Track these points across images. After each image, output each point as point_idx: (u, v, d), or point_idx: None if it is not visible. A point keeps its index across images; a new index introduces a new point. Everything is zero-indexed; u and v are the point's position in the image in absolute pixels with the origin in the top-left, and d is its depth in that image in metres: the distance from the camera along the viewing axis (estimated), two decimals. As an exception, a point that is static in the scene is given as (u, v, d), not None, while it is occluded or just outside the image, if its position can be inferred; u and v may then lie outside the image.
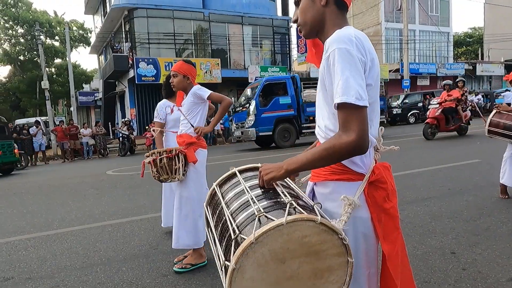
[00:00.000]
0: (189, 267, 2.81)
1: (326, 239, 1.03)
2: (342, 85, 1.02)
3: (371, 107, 1.11)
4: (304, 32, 1.24)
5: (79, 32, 29.71)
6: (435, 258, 2.70)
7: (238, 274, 0.99)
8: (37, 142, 15.20)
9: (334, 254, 1.05)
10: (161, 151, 2.73)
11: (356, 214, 1.13)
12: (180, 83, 2.88)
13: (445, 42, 29.20)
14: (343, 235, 1.03)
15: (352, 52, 1.04)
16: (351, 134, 1.03)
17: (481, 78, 29.51)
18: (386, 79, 24.32)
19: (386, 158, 1.38)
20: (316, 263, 1.05)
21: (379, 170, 1.17)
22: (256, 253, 0.99)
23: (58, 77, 28.15)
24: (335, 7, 1.17)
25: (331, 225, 1.03)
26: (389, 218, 1.17)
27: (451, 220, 3.52)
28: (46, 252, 3.56)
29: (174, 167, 2.72)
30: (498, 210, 3.73)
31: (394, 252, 1.18)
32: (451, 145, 9.31)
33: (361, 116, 1.03)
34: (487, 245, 2.87)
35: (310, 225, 1.01)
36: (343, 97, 1.02)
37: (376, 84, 1.14)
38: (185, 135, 2.89)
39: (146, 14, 19.20)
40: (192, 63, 2.97)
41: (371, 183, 1.15)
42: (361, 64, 1.05)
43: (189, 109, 2.89)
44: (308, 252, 1.03)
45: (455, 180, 5.18)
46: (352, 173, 1.16)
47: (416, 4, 26.60)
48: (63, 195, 6.69)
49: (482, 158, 6.67)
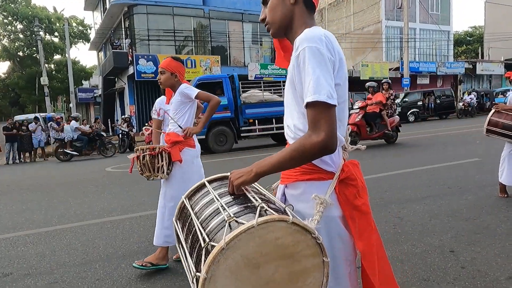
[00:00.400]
0: (149, 265, 2.77)
1: (300, 239, 1.00)
2: (313, 83, 1.02)
3: (340, 107, 1.11)
4: (272, 31, 1.23)
5: (78, 28, 29.63)
6: (434, 256, 2.70)
7: (210, 284, 0.94)
8: (36, 139, 15.16)
9: (309, 255, 1.03)
10: (144, 148, 2.74)
11: (329, 213, 1.13)
12: (167, 80, 2.82)
13: (446, 41, 29.13)
14: (316, 234, 1.01)
15: (323, 51, 1.04)
16: (321, 133, 1.02)
17: (481, 77, 29.47)
18: (386, 78, 24.35)
19: (388, 157, 1.38)
20: (292, 266, 1.02)
21: (348, 168, 1.17)
22: (228, 260, 0.95)
23: (58, 74, 28.10)
24: (304, 6, 1.17)
25: (304, 224, 1.00)
26: (362, 215, 1.17)
27: (451, 219, 3.52)
28: (45, 248, 3.56)
29: (157, 165, 2.71)
30: (497, 209, 3.73)
31: (369, 249, 1.17)
32: (451, 144, 9.32)
33: (330, 116, 1.03)
34: (486, 243, 2.87)
35: (282, 226, 0.99)
36: (314, 95, 1.01)
37: (345, 84, 1.15)
38: (172, 134, 2.84)
39: (146, 11, 19.13)
40: (181, 60, 2.91)
41: (342, 181, 1.15)
42: (330, 64, 1.05)
43: (177, 108, 2.85)
44: (283, 255, 1.00)
45: (455, 179, 5.18)
46: (322, 172, 1.15)
47: (416, 2, 26.52)
48: (63, 192, 6.68)
49: (481, 157, 6.67)
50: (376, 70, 23.98)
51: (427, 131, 13.34)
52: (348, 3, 29.43)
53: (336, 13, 30.67)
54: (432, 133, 12.59)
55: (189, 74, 17.52)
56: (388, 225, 3.42)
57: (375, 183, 5.31)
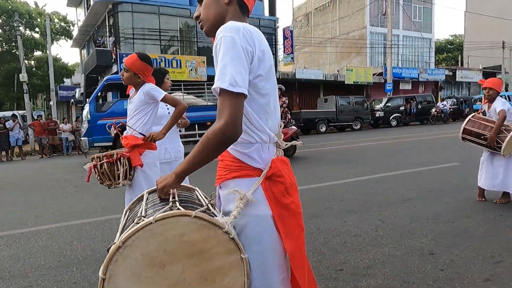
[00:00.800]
0: None
1: (209, 235, 0.95)
2: (219, 71, 1.03)
3: (265, 99, 1.11)
4: (206, 28, 1.24)
5: (61, 25, 28.87)
6: (414, 258, 2.74)
7: (110, 285, 0.90)
8: (13, 137, 14.69)
9: (223, 252, 0.96)
10: (101, 156, 2.53)
11: (257, 212, 1.09)
12: (129, 80, 2.62)
13: (427, 48, 29.92)
14: (226, 228, 0.96)
15: (237, 40, 1.03)
16: (221, 120, 1.01)
17: (461, 84, 30.37)
18: (369, 83, 24.76)
19: (370, 161, 1.38)
20: (203, 264, 0.95)
21: (276, 164, 1.14)
22: (127, 259, 0.91)
23: (38, 70, 27.27)
24: (237, 7, 1.19)
25: (209, 218, 0.95)
26: (291, 214, 1.13)
27: (431, 222, 3.58)
28: (19, 250, 3.42)
29: (117, 172, 2.52)
30: (475, 212, 3.83)
31: (298, 251, 1.13)
32: (431, 148, 9.54)
33: (233, 103, 1.01)
34: (464, 246, 2.93)
35: (185, 221, 0.94)
36: (217, 82, 1.02)
37: (268, 76, 1.13)
38: (130, 137, 2.62)
39: (131, 9, 18.84)
40: (148, 59, 2.66)
41: (269, 178, 1.12)
42: (246, 54, 1.04)
43: (138, 107, 2.62)
44: (191, 253, 0.94)
45: (435, 183, 5.29)
46: (249, 168, 1.12)
47: (400, 10, 27.14)
48: (41, 192, 6.48)
49: (460, 162, 6.85)
50: (360, 74, 24.38)
51: (409, 136, 13.63)
52: (334, 8, 29.84)
53: (322, 18, 31.04)
54: (415, 137, 12.88)
55: (174, 75, 17.36)
56: (370, 228, 3.46)
57: (359, 186, 5.37)
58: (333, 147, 11.61)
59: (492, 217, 3.65)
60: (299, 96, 23.50)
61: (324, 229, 3.51)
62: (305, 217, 4.53)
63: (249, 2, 1.21)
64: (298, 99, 23.44)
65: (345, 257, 2.83)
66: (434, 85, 28.55)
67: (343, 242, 3.14)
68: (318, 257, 2.85)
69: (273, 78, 1.17)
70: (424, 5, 28.95)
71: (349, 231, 3.38)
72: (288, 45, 22.67)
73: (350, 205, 4.32)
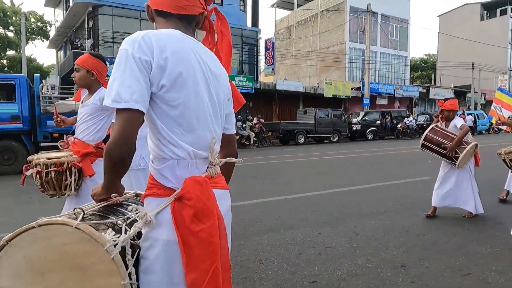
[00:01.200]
0: None
1: (90, 250, 0.89)
2: (108, 88, 1.00)
3: (176, 110, 1.03)
4: None
5: (37, 24, 28.05)
6: (386, 271, 2.78)
7: None
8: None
9: (103, 271, 0.89)
10: (48, 164, 2.27)
11: (158, 235, 1.00)
12: (82, 79, 2.40)
13: (403, 65, 31.09)
14: (107, 246, 0.88)
15: (129, 52, 0.99)
16: (110, 139, 0.99)
17: (433, 101, 31.60)
18: (348, 96, 25.36)
19: (348, 172, 1.39)
20: (83, 281, 0.89)
21: (187, 184, 1.02)
22: (10, 258, 0.90)
23: (10, 70, 26.26)
24: (161, 18, 1.15)
25: (90, 232, 0.89)
26: (200, 243, 0.99)
27: (403, 234, 3.66)
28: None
29: (64, 182, 2.30)
30: (445, 226, 3.95)
31: (200, 285, 0.99)
32: (404, 162, 9.82)
33: (121, 119, 0.97)
34: (434, 258, 3.01)
35: (68, 230, 0.89)
36: (105, 101, 0.99)
37: (178, 86, 1.02)
38: (79, 144, 2.42)
39: (112, 12, 18.58)
40: (102, 57, 2.51)
41: (179, 200, 1.01)
42: (139, 65, 0.98)
43: (92, 113, 2.41)
44: (71, 266, 0.89)
45: (408, 196, 5.43)
46: (160, 187, 1.05)
47: (378, 27, 28.12)
48: (6, 198, 6.15)
49: (431, 176, 7.07)
50: (339, 88, 24.94)
51: (384, 149, 13.99)
52: (315, 22, 30.56)
53: (303, 31, 31.69)
54: (390, 151, 13.22)
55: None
56: (344, 239, 3.49)
57: (334, 197, 5.43)
58: (310, 158, 11.75)
59: (461, 230, 3.78)
60: (279, 106, 23.74)
61: (299, 240, 3.52)
62: (280, 228, 4.50)
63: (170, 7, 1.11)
64: (278, 110, 23.67)
65: (319, 268, 2.84)
66: (409, 101, 29.61)
67: (317, 253, 3.15)
68: (292, 269, 2.84)
69: (191, 87, 1.05)
70: (400, 24, 30.16)
71: (324, 243, 3.41)
72: (269, 56, 22.95)
73: (325, 217, 4.35)
